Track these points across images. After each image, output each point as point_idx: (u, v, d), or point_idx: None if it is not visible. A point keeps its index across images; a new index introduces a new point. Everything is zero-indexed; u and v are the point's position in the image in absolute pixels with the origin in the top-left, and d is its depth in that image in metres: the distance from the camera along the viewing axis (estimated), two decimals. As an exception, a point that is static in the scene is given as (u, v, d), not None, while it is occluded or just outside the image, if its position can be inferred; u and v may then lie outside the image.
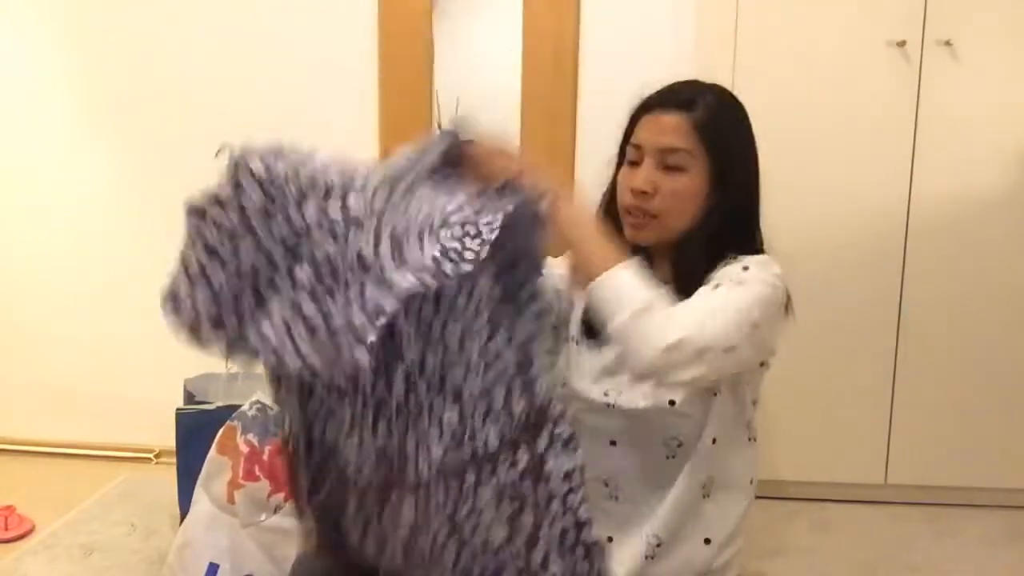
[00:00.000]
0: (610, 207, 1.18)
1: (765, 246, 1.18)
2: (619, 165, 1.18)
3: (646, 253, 1.15)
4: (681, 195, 1.10)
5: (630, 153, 1.14)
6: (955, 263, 2.16)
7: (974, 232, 2.14)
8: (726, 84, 2.12)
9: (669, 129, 1.10)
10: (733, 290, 1.02)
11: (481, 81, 2.62)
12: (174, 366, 2.18)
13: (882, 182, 2.14)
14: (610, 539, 1.15)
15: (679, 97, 1.12)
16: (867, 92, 2.11)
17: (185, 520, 1.64)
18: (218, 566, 1.55)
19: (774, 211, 2.16)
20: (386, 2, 2.28)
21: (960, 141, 2.11)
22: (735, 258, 1.11)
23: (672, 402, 1.10)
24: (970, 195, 2.14)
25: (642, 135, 1.12)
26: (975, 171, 2.13)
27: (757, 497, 2.30)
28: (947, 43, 2.06)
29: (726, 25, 2.10)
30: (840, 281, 2.18)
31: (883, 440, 2.24)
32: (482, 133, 0.96)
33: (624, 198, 1.13)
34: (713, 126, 1.10)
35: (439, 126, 2.52)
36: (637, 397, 1.12)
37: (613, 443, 1.16)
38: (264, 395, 1.68)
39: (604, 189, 1.20)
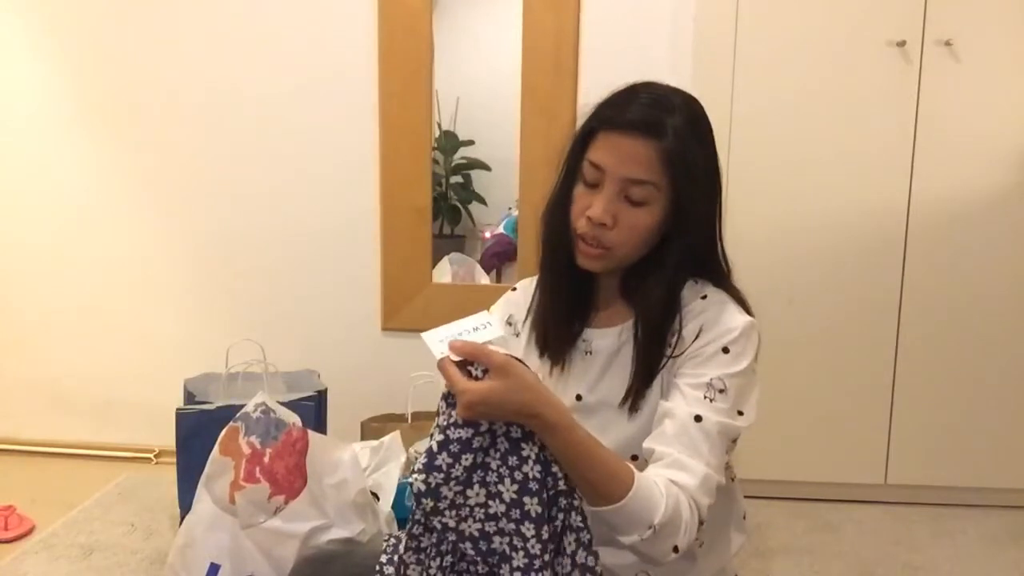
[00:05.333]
0: (557, 221, 1.08)
1: (729, 263, 1.11)
2: (566, 172, 1.08)
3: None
4: (639, 230, 1.02)
5: (589, 172, 1.03)
6: (955, 263, 2.16)
7: (974, 232, 2.15)
8: (726, 84, 2.15)
9: (636, 158, 0.99)
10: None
11: (481, 80, 2.62)
12: (174, 366, 2.19)
13: (882, 182, 2.14)
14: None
15: (647, 119, 1.00)
16: (867, 92, 2.11)
17: (186, 520, 1.64)
18: (219, 566, 1.55)
19: (775, 211, 2.17)
20: (386, 1, 2.27)
21: (960, 141, 2.11)
22: (704, 297, 1.06)
23: (635, 456, 1.04)
24: (970, 195, 2.14)
25: (605, 158, 1.01)
26: (975, 171, 2.13)
27: (757, 497, 2.30)
28: (947, 43, 2.06)
29: (726, 25, 2.10)
30: (840, 281, 2.18)
31: (883, 440, 2.24)
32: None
33: (579, 223, 1.04)
34: (682, 157, 0.99)
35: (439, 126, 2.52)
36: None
37: None
38: (266, 396, 1.67)
39: (550, 197, 1.10)
